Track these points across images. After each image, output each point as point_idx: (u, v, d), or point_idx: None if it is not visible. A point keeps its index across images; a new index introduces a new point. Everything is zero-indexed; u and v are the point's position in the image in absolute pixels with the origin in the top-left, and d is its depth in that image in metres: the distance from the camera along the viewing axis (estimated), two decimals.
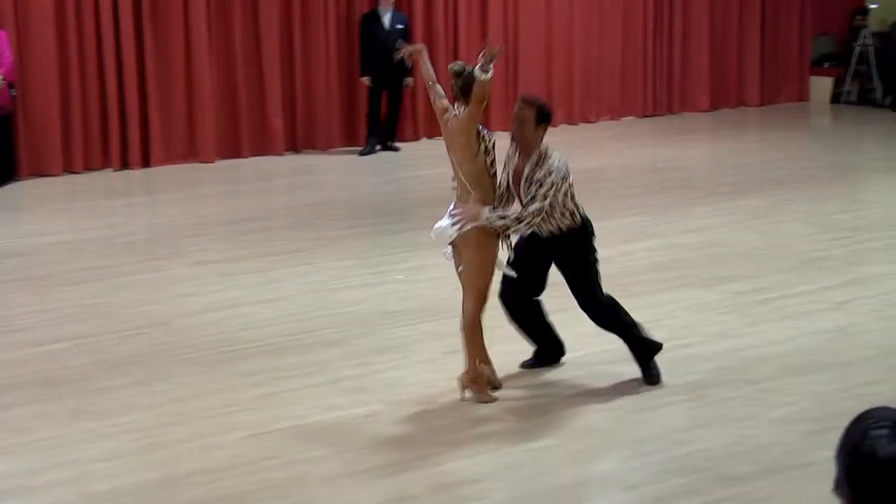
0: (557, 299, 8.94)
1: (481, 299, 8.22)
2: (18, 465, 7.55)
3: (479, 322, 8.27)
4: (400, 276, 11.59)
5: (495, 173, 8.26)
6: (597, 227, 8.67)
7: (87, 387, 8.84)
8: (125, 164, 17.21)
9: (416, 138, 19.42)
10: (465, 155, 8.10)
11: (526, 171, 8.28)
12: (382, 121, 18.63)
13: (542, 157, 8.25)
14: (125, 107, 17.16)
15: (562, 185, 8.19)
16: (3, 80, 15.69)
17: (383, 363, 9.20)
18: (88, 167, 17.02)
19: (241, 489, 7.17)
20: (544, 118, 8.30)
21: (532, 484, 7.16)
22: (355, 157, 18.35)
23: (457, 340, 9.48)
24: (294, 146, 18.57)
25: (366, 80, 18.22)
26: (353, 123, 18.99)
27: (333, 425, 8.04)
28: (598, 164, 17.18)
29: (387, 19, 18.19)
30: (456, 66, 8.18)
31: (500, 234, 8.17)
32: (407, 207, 15.28)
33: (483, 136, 8.09)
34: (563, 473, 7.33)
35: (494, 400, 8.30)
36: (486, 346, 8.39)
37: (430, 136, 19.43)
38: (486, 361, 8.39)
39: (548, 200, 8.11)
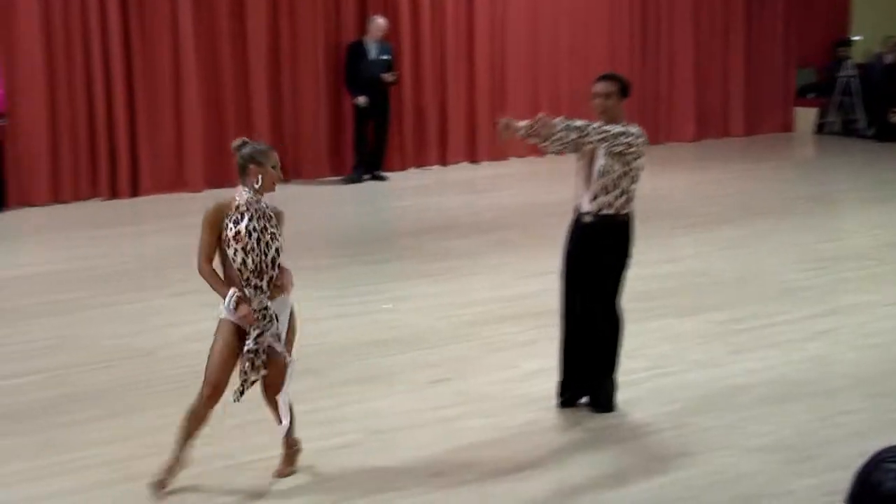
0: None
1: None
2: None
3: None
4: (388, 306, 11.50)
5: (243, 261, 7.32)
6: None
7: (56, 420, 8.71)
8: (114, 194, 17.18)
9: (403, 168, 19.37)
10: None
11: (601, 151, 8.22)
12: (369, 150, 18.57)
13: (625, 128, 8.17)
14: (114, 136, 17.14)
15: (626, 150, 8.08)
16: None
17: (365, 392, 9.10)
18: (77, 197, 17.00)
19: None
20: (625, 92, 8.36)
21: None
22: (342, 187, 18.31)
23: (442, 370, 9.47)
24: (283, 175, 18.46)
25: (361, 100, 18.19)
26: (341, 153, 18.94)
27: (309, 455, 7.91)
28: None
29: (373, 49, 18.16)
30: (237, 141, 7.53)
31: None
32: (392, 237, 15.18)
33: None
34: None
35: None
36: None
37: (418, 166, 19.43)
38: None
39: (599, 136, 8.02)
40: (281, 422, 7.44)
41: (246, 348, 7.15)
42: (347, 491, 7.41)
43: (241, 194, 7.39)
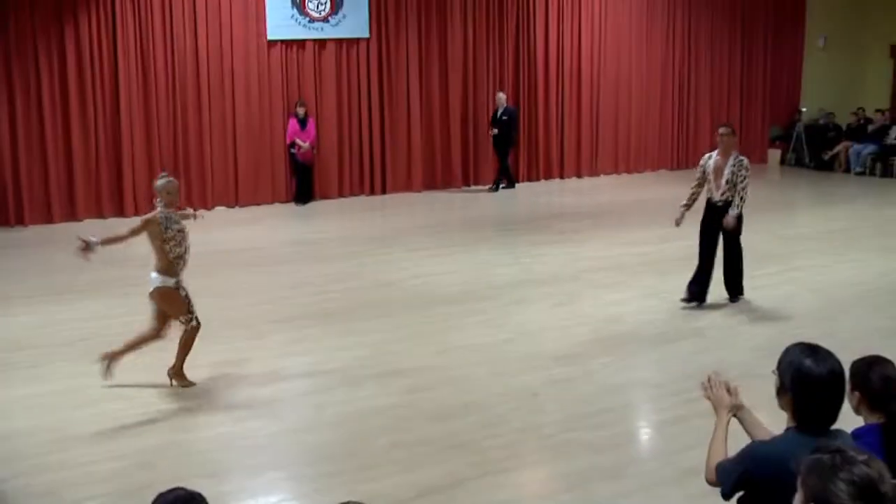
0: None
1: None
2: (313, 359, 7.66)
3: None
4: (527, 260, 11.44)
5: (177, 255, 6.81)
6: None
7: (349, 317, 8.93)
8: (372, 191, 17.30)
9: (538, 179, 18.94)
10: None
11: (727, 167, 8.93)
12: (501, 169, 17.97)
13: (737, 159, 8.98)
14: (373, 156, 17.15)
15: (746, 174, 9.01)
16: (309, 145, 15.96)
17: (517, 309, 9.12)
18: (352, 193, 17.09)
19: (429, 379, 7.19)
20: (734, 134, 9.09)
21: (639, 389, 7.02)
22: (495, 193, 18.12)
23: (561, 298, 9.41)
24: (467, 182, 18.35)
25: (491, 131, 17.52)
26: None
27: (485, 346, 8.02)
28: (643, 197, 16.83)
29: (499, 112, 17.48)
30: (162, 174, 7.02)
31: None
32: (530, 220, 14.74)
33: (164, 229, 6.73)
34: (649, 380, 7.17)
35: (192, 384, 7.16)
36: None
37: (546, 178, 19.02)
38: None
39: (747, 187, 9.02)
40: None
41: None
42: (510, 367, 7.47)
43: (160, 210, 6.78)
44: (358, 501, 2.55)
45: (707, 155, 9.22)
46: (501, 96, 17.59)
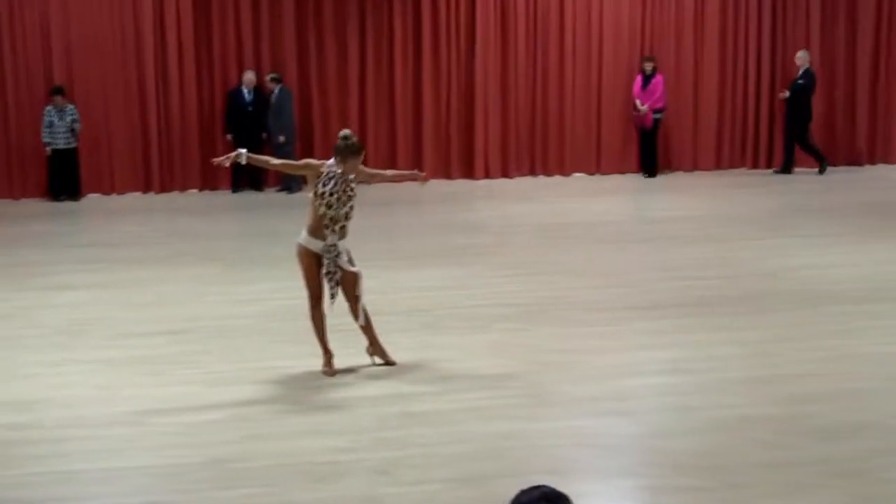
0: None
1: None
2: (676, 355, 7.26)
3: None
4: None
5: (325, 215, 6.75)
6: None
7: (720, 309, 8.42)
8: (755, 164, 16.06)
9: None
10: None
11: None
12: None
13: None
14: (759, 124, 15.95)
15: None
16: (647, 108, 15.14)
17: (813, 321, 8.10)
18: (732, 166, 15.94)
19: (816, 390, 6.60)
20: None
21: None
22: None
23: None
24: (872, 159, 16.22)
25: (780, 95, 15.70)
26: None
27: (890, 357, 7.19)
28: None
29: (798, 76, 15.50)
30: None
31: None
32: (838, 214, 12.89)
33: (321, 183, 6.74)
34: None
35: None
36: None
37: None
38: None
39: None
40: (357, 318, 6.95)
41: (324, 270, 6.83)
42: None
43: (330, 163, 6.83)
44: None
45: None
46: (803, 55, 15.51)
